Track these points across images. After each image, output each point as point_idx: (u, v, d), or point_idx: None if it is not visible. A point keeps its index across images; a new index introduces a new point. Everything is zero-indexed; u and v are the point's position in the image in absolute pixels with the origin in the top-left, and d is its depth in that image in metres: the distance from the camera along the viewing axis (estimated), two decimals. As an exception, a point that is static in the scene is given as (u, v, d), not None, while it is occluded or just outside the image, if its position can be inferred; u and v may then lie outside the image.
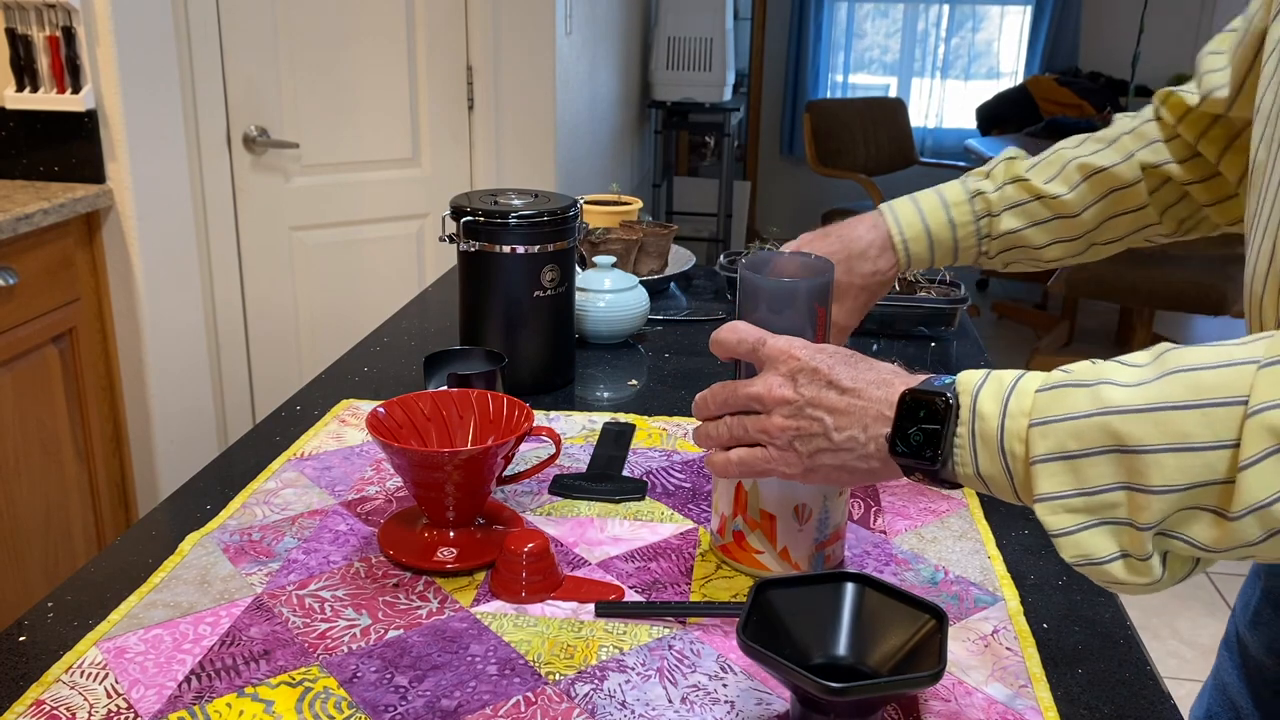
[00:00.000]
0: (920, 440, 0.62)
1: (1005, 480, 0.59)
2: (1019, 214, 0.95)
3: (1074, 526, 0.56)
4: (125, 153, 2.09)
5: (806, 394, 0.67)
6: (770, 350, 0.70)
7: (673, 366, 1.30)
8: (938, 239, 0.96)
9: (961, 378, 0.62)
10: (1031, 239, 0.95)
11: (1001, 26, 5.97)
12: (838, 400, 0.66)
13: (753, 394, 0.69)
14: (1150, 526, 0.54)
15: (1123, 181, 0.92)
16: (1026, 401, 0.58)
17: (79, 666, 0.70)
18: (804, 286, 0.75)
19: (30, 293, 1.92)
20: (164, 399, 2.27)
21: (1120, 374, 0.56)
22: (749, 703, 0.68)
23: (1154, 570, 0.55)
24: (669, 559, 0.85)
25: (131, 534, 0.88)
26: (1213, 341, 0.55)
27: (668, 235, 1.59)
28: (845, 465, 0.66)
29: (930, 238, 0.96)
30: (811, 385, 0.67)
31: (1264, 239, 0.69)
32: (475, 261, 1.15)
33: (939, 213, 0.96)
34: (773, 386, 0.68)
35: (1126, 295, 3.67)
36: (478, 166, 2.84)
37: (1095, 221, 0.94)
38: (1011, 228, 0.95)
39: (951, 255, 0.97)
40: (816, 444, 0.67)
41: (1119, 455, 0.54)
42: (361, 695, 0.68)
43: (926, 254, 0.96)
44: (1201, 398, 0.52)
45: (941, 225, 0.95)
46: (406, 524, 0.86)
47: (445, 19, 2.68)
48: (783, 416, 0.68)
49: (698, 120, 4.59)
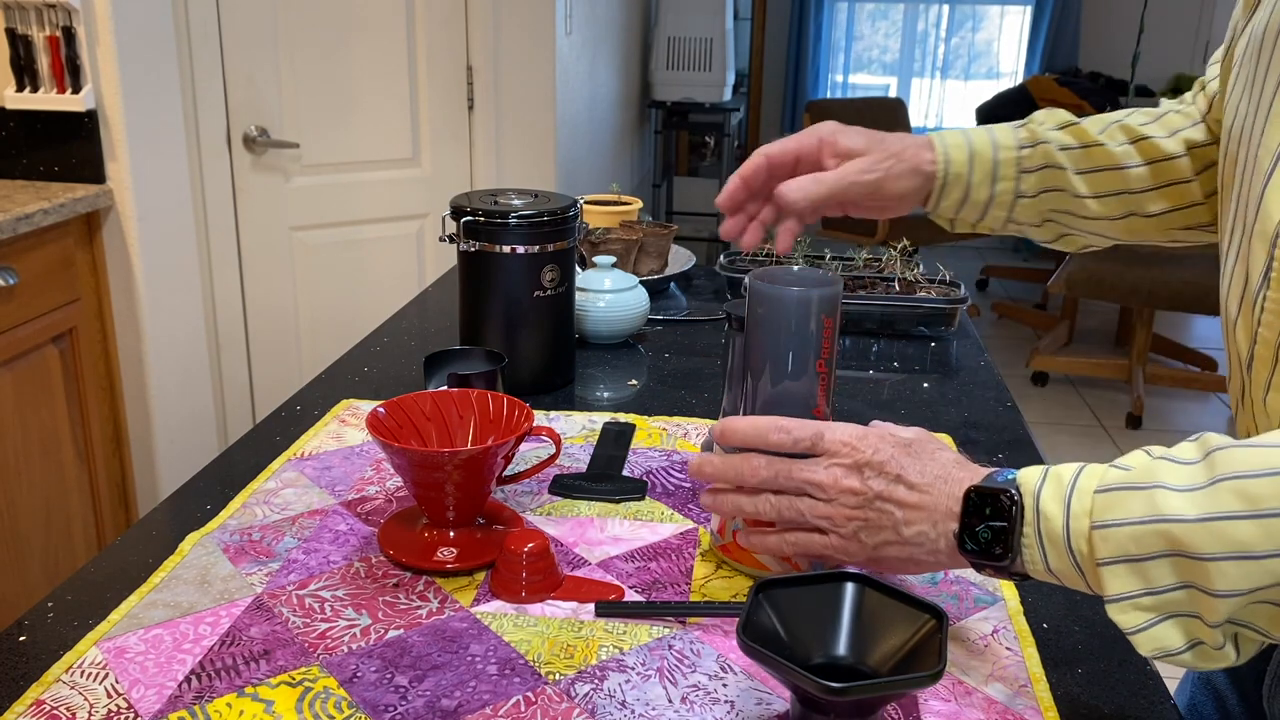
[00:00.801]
0: (989, 538, 0.63)
1: (1076, 575, 0.61)
2: (1065, 155, 0.90)
3: (1145, 624, 0.58)
4: (125, 153, 2.09)
5: (875, 487, 0.67)
6: (831, 441, 0.69)
7: (673, 366, 1.30)
8: (978, 152, 0.90)
9: (1023, 476, 0.63)
10: (1074, 184, 0.90)
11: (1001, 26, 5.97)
12: (907, 495, 0.66)
13: (814, 481, 0.68)
14: (1218, 624, 0.56)
15: (1167, 153, 0.89)
16: (1086, 501, 0.59)
17: (79, 666, 0.70)
18: (814, 296, 0.76)
19: (30, 293, 1.92)
20: (164, 399, 2.27)
21: (1172, 475, 0.57)
22: (749, 703, 0.68)
23: (1228, 655, 0.57)
24: (669, 559, 0.85)
25: (131, 534, 0.88)
26: (1255, 439, 0.56)
27: (668, 235, 1.59)
28: (912, 558, 0.67)
29: (971, 148, 0.90)
30: (879, 479, 0.67)
31: (1236, 260, 0.69)
32: (475, 261, 1.15)
33: (983, 134, 0.92)
34: (839, 478, 0.68)
35: (1126, 295, 3.67)
36: (478, 166, 2.84)
37: (1140, 185, 0.89)
38: (1056, 162, 0.90)
39: (990, 179, 0.91)
40: (884, 536, 0.67)
41: (1180, 559, 0.56)
42: (361, 695, 0.68)
43: (965, 164, 0.90)
44: (1256, 509, 0.53)
45: (984, 143, 0.91)
46: (406, 524, 0.86)
47: (445, 19, 2.68)
48: (849, 507, 0.68)
49: (698, 120, 4.59)
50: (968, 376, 1.28)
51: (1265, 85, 0.67)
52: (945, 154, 0.90)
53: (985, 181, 0.91)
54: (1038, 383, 4.02)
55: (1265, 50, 0.67)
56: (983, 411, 1.17)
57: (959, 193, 0.91)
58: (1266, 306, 0.66)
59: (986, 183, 0.91)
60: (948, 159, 0.90)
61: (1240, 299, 0.69)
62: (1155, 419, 3.69)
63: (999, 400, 1.21)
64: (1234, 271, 0.70)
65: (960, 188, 0.91)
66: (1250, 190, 0.67)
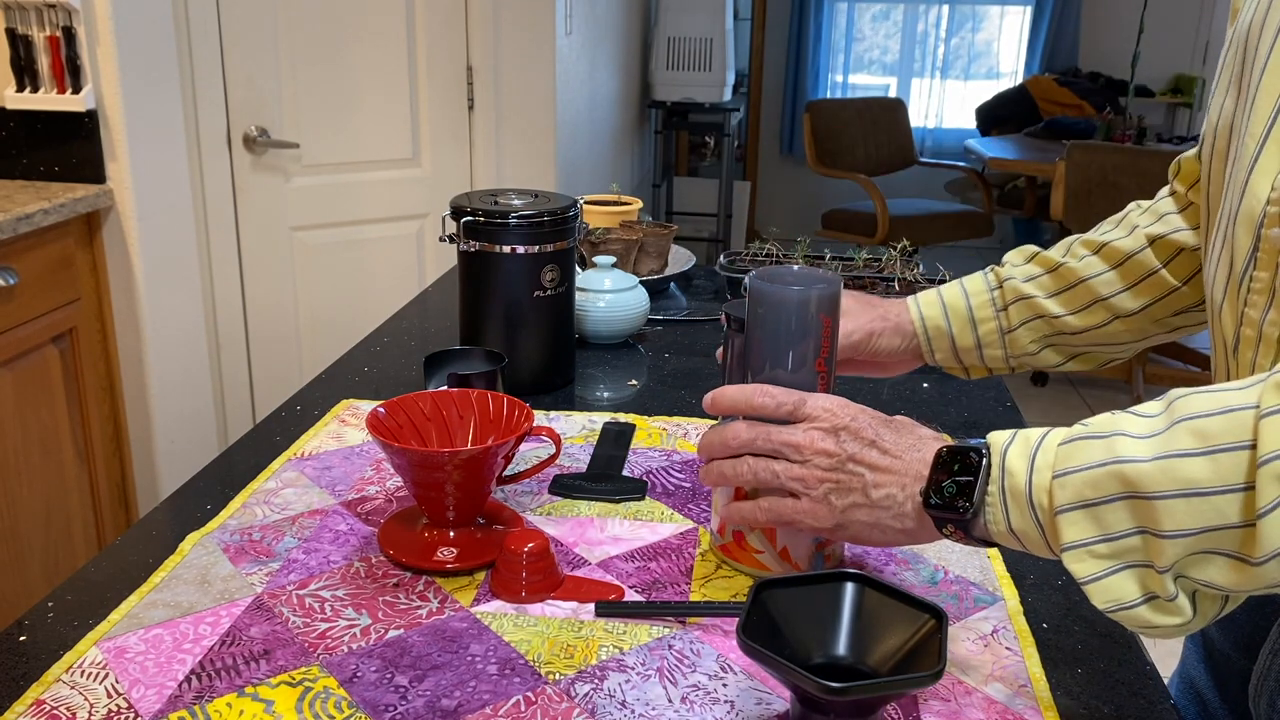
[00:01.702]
0: (953, 491, 0.64)
1: (1037, 533, 0.61)
2: (1033, 285, 0.94)
3: (1100, 572, 0.58)
4: (125, 153, 2.09)
5: (849, 449, 0.68)
6: (813, 408, 0.70)
7: (673, 366, 1.30)
8: (950, 304, 0.95)
9: (992, 437, 0.64)
10: (1048, 308, 0.93)
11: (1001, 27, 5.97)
12: (879, 459, 0.68)
13: (791, 442, 0.70)
14: (1168, 569, 0.56)
15: (1128, 252, 0.91)
16: (1050, 455, 0.60)
17: (79, 666, 0.70)
18: (813, 295, 0.76)
19: (30, 293, 1.92)
20: (164, 399, 2.27)
21: (1133, 425, 0.58)
22: (749, 703, 0.68)
23: (1184, 610, 0.57)
24: (669, 559, 0.85)
25: (131, 534, 0.88)
26: (1215, 385, 0.58)
27: (668, 235, 1.59)
28: (879, 523, 0.68)
29: (943, 302, 0.96)
30: (854, 443, 0.68)
31: (1222, 248, 0.70)
32: (475, 261, 1.15)
33: (953, 287, 0.97)
34: (815, 439, 0.69)
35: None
36: (478, 166, 2.84)
37: (1110, 289, 0.92)
38: (1025, 294, 0.94)
39: (969, 325, 0.95)
40: (852, 499, 0.68)
41: (1133, 501, 0.56)
42: (361, 695, 0.68)
43: (940, 317, 0.95)
44: (1206, 445, 0.54)
45: (955, 294, 0.96)
46: (406, 524, 0.86)
47: (445, 19, 2.68)
48: (821, 469, 0.69)
49: (698, 120, 4.59)
50: (968, 376, 1.28)
51: (1250, 78, 0.68)
52: (919, 311, 0.96)
53: (966, 328, 0.95)
54: (1038, 383, 4.02)
55: (1250, 47, 0.69)
56: (983, 411, 1.17)
57: (945, 343, 0.96)
58: (1253, 287, 0.67)
59: (968, 329, 0.95)
60: (921, 315, 0.96)
61: (1226, 283, 0.70)
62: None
63: (999, 400, 1.21)
64: (1219, 258, 0.71)
65: (944, 339, 0.95)
66: (1236, 178, 0.68)
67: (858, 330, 0.94)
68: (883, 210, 4.42)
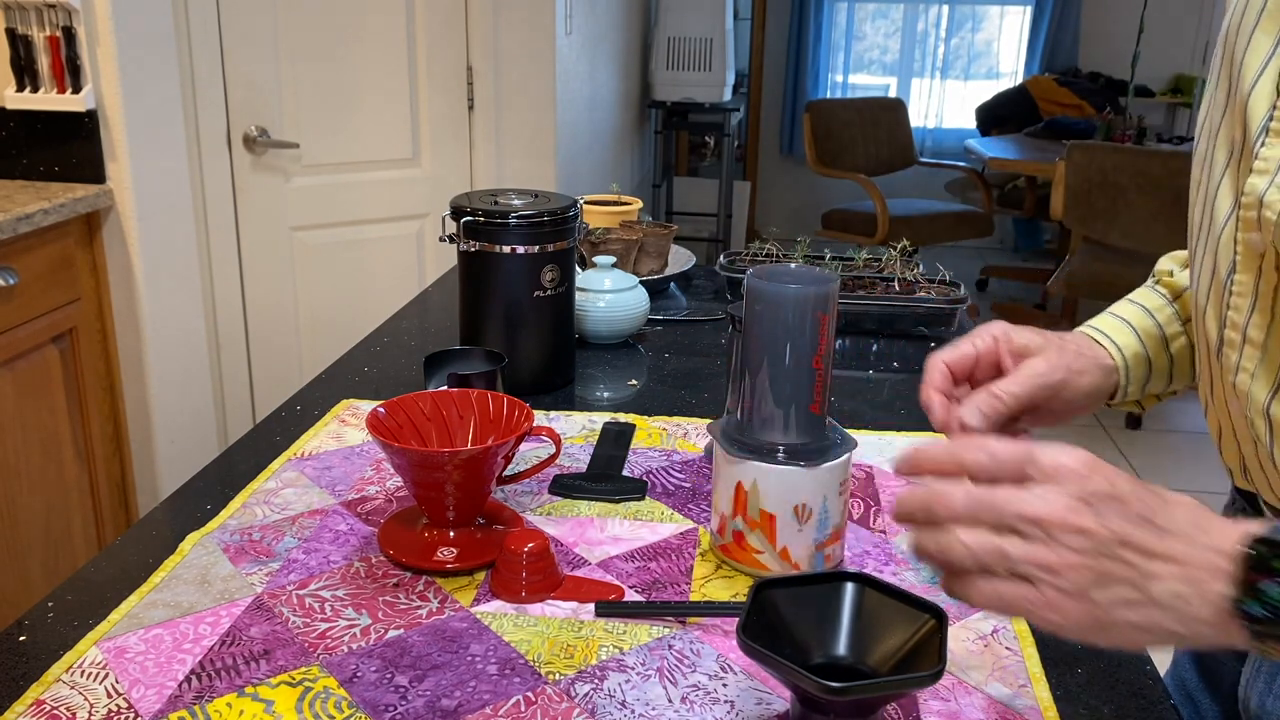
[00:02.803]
0: None
1: None
2: None
3: None
4: (125, 153, 2.09)
5: (1114, 527, 0.52)
6: (1051, 464, 0.53)
7: (673, 366, 1.30)
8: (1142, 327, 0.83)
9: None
10: None
11: (1001, 27, 5.97)
12: (1156, 543, 0.51)
13: (1031, 515, 0.52)
14: None
15: None
16: None
17: (79, 666, 0.70)
18: (810, 294, 0.76)
19: (30, 293, 1.92)
20: (164, 399, 2.27)
21: None
22: (749, 703, 0.68)
23: None
24: (669, 559, 0.85)
25: (131, 534, 0.88)
26: None
27: (668, 235, 1.59)
28: (1155, 626, 0.52)
29: (1133, 328, 0.83)
30: (1118, 517, 0.52)
31: (1205, 255, 0.70)
32: (475, 261, 1.15)
33: (1131, 307, 0.85)
34: (1062, 511, 0.52)
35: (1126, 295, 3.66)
36: (478, 166, 2.84)
37: None
38: None
39: (1163, 348, 0.84)
40: (1120, 593, 0.52)
41: None
42: (361, 695, 0.68)
43: (1136, 344, 0.83)
44: None
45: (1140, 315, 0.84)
46: (406, 524, 0.86)
47: (445, 19, 2.68)
48: (1075, 551, 0.52)
49: (698, 120, 4.59)
50: (968, 376, 1.28)
51: (1230, 81, 0.68)
52: (1110, 341, 0.82)
53: (1161, 351, 0.83)
54: (1038, 383, 4.01)
55: (1227, 47, 0.69)
56: (983, 411, 1.17)
57: (1142, 371, 0.82)
58: (1234, 290, 0.66)
59: (1162, 352, 0.83)
60: (1116, 344, 0.82)
61: (1209, 288, 0.69)
62: (1155, 419, 3.69)
63: (999, 400, 1.21)
64: (1202, 264, 0.70)
65: (1142, 366, 0.82)
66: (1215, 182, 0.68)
67: (1055, 370, 0.75)
68: (883, 210, 4.42)
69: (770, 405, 0.79)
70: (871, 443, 1.07)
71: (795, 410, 0.79)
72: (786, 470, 0.79)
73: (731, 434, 0.82)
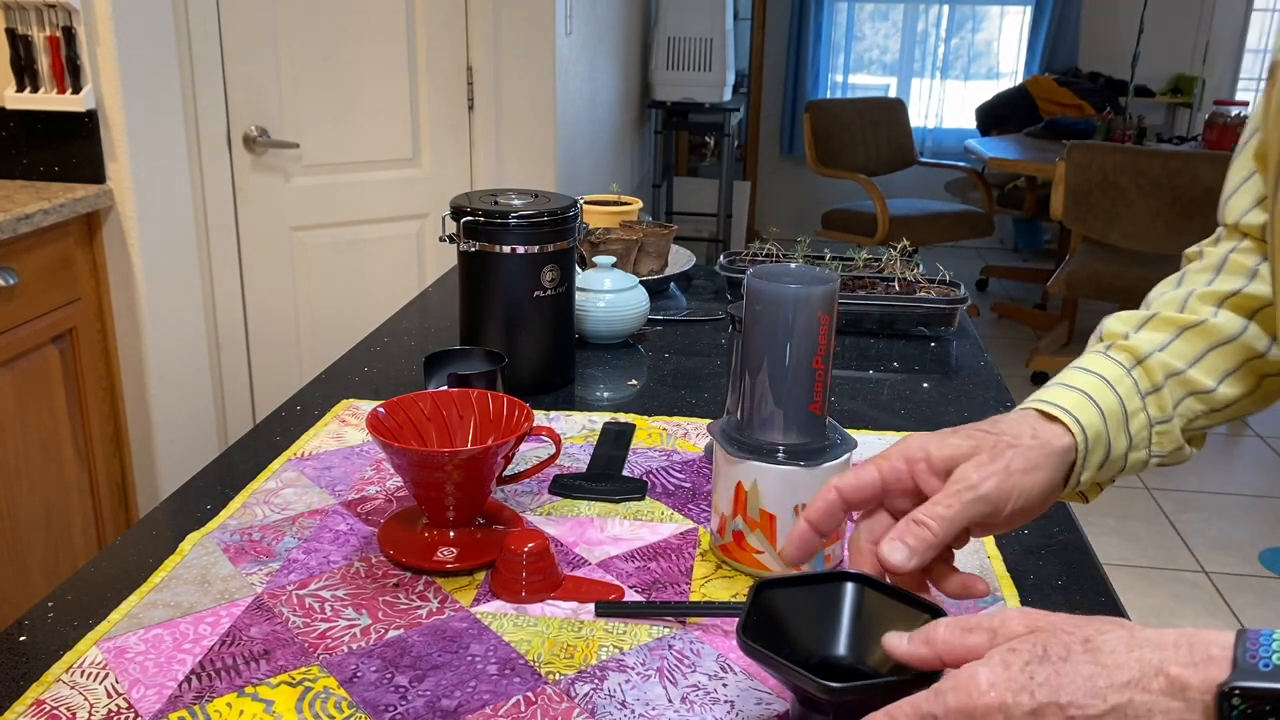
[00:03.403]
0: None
1: None
2: (1168, 353, 0.74)
3: None
4: (125, 153, 2.09)
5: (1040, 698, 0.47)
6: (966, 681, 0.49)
7: (673, 366, 1.30)
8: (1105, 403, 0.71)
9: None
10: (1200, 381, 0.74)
11: (1001, 26, 5.97)
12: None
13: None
14: None
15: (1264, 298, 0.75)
16: None
17: (79, 666, 0.70)
18: (809, 294, 0.76)
19: (30, 293, 1.92)
20: (164, 399, 2.27)
21: None
22: (749, 703, 0.68)
23: None
24: (669, 559, 0.85)
25: (131, 534, 0.88)
26: None
27: (668, 235, 1.59)
28: None
29: (1095, 403, 0.71)
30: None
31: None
32: (475, 261, 1.15)
33: (1087, 377, 0.72)
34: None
35: (1126, 295, 3.66)
36: (478, 166, 2.84)
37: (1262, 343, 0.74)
38: (1174, 367, 0.74)
39: (1122, 427, 0.72)
40: None
41: None
42: (361, 695, 0.68)
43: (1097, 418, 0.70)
44: None
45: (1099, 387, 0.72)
46: (406, 524, 0.86)
47: (445, 19, 2.68)
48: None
49: (698, 120, 4.59)
50: (967, 377, 1.28)
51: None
52: (1069, 415, 0.69)
53: (1120, 431, 0.71)
54: (1038, 383, 4.02)
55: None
56: (982, 412, 1.17)
57: (1100, 453, 0.70)
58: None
59: (1121, 432, 0.71)
60: (1077, 421, 0.69)
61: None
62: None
63: (999, 400, 1.21)
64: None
65: (1102, 447, 0.70)
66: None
67: (989, 478, 0.65)
68: (883, 210, 4.42)
69: (770, 405, 0.79)
70: (871, 443, 1.07)
71: (795, 410, 0.79)
72: (786, 470, 0.79)
73: (731, 434, 0.82)
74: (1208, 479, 3.25)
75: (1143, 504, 3.09)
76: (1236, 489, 3.21)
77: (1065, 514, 0.94)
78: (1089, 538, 0.90)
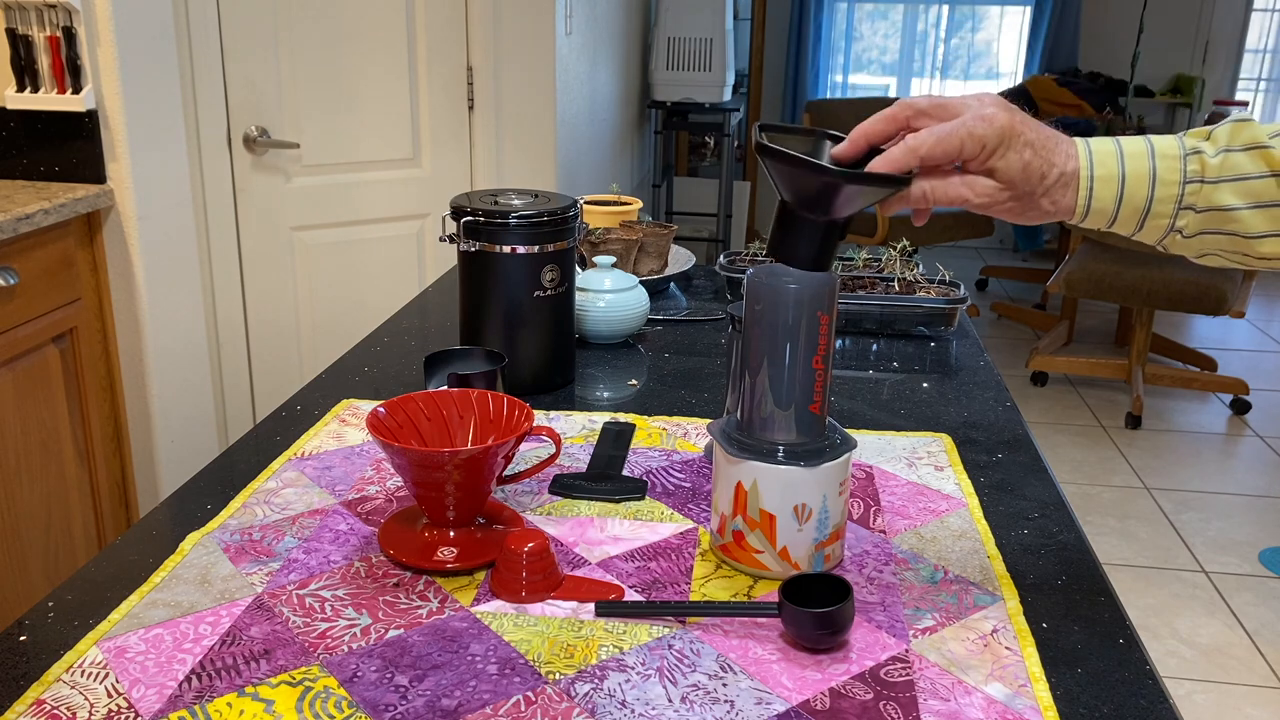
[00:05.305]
0: None
1: None
2: (1241, 190, 0.73)
3: None
4: (125, 153, 2.09)
5: None
6: None
7: (673, 366, 1.30)
8: (1131, 191, 0.74)
9: None
10: (1247, 224, 0.73)
11: (1001, 26, 5.97)
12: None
13: None
14: None
15: None
16: None
17: (79, 666, 0.70)
18: (810, 292, 0.77)
19: (31, 293, 1.92)
20: (164, 399, 2.27)
21: None
22: (749, 702, 0.68)
23: None
24: (669, 559, 0.85)
25: (132, 534, 0.88)
26: None
27: (668, 235, 1.59)
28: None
29: (1123, 183, 0.74)
30: None
31: None
32: (475, 261, 1.15)
33: (1141, 159, 0.74)
34: None
35: (1126, 295, 3.66)
36: (478, 166, 2.84)
37: None
38: (1226, 204, 0.73)
39: (1137, 218, 0.75)
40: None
41: None
42: (362, 695, 0.68)
43: (1112, 203, 0.74)
44: None
45: (1140, 176, 0.74)
46: (407, 524, 0.86)
47: (445, 19, 2.68)
48: None
49: (698, 120, 4.59)
50: (967, 376, 1.29)
51: None
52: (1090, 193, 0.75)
53: (1131, 218, 0.75)
54: (1037, 383, 4.02)
55: None
56: (982, 411, 1.17)
57: (1113, 189, 0.74)
58: None
59: (1132, 219, 0.75)
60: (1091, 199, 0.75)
61: None
62: (1155, 419, 3.69)
63: (998, 400, 1.21)
64: None
65: (1104, 218, 0.76)
66: None
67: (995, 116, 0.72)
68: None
69: (770, 405, 0.79)
70: (871, 443, 1.07)
71: (795, 410, 0.79)
72: (786, 470, 0.79)
73: (731, 434, 0.82)
74: (1208, 479, 3.25)
75: (1143, 504, 3.09)
76: (1236, 489, 3.21)
77: (1065, 514, 0.94)
78: (1089, 538, 0.90)
